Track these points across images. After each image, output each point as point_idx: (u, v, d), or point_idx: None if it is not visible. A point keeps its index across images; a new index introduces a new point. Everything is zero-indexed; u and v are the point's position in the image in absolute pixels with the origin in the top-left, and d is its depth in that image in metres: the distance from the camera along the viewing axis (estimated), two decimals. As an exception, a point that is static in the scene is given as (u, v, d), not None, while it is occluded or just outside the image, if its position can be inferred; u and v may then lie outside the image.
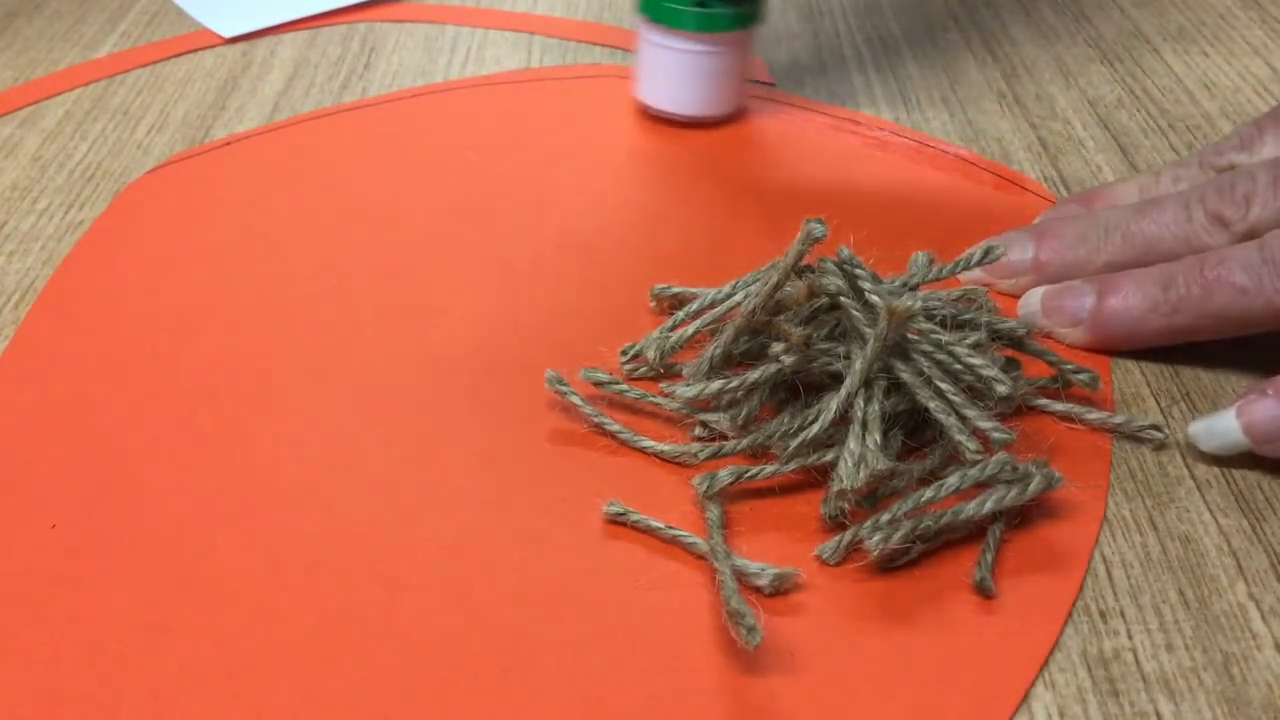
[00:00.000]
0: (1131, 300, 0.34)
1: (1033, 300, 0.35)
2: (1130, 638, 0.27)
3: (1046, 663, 0.26)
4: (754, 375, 0.31)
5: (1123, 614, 0.27)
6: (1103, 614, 0.27)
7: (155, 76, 0.50)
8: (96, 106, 0.47)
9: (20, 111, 0.47)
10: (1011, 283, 0.36)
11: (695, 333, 0.33)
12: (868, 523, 0.28)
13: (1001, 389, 0.29)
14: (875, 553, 0.27)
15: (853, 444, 0.29)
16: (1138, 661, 0.26)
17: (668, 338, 0.33)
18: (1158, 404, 0.33)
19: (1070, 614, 0.27)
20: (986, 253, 0.33)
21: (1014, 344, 0.33)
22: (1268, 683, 0.26)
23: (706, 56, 0.43)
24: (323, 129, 0.46)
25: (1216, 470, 0.31)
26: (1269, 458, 0.31)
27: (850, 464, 0.28)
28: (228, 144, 0.45)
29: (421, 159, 0.44)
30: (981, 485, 0.29)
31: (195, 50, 0.52)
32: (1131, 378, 0.34)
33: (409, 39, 0.53)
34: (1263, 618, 0.27)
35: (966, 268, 0.33)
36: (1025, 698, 0.25)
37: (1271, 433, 0.30)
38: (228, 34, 0.52)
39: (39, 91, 0.48)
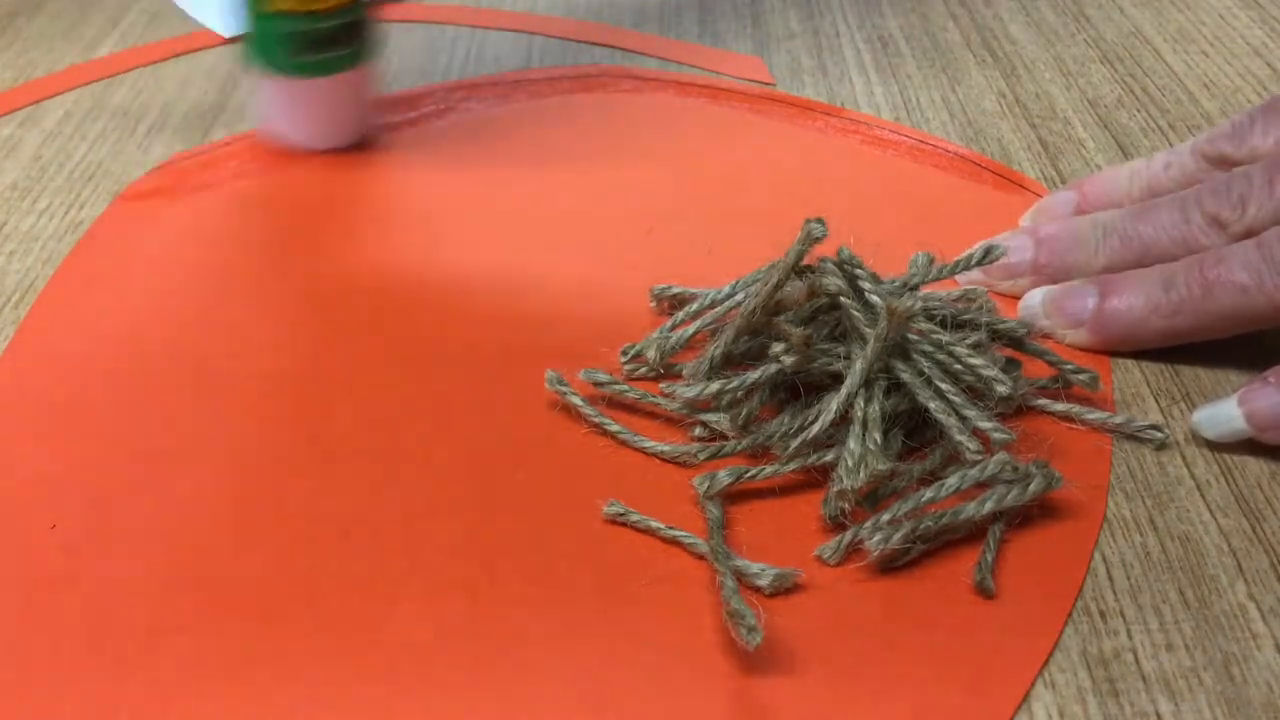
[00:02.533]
0: (1133, 301, 0.34)
1: (1033, 301, 0.35)
2: (1130, 638, 0.27)
3: (1046, 663, 0.26)
4: (754, 375, 0.31)
5: (1123, 614, 0.27)
6: (1103, 614, 0.27)
7: (155, 76, 0.50)
8: (96, 106, 0.47)
9: (20, 111, 0.47)
10: (1010, 284, 0.36)
11: (695, 333, 0.33)
12: (868, 523, 0.28)
13: (1001, 389, 0.29)
14: (875, 553, 0.27)
15: (853, 444, 0.29)
16: (1138, 661, 0.26)
17: (668, 338, 0.33)
18: (1158, 404, 0.33)
19: (1070, 614, 0.27)
20: (986, 253, 0.33)
21: (1014, 344, 0.33)
22: (1268, 683, 0.26)
23: (318, 92, 0.42)
24: (323, 129, 0.45)
25: (1216, 470, 0.31)
26: (1270, 445, 0.31)
27: (850, 464, 0.28)
28: (228, 144, 0.45)
29: (421, 158, 0.44)
30: (982, 485, 0.29)
31: (195, 50, 0.52)
32: (1131, 378, 0.34)
33: (409, 39, 0.53)
34: (1263, 618, 0.27)
35: (966, 268, 0.33)
36: (1025, 698, 0.25)
37: (1272, 420, 0.30)
38: (228, 34, 0.52)
39: (39, 91, 0.48)
